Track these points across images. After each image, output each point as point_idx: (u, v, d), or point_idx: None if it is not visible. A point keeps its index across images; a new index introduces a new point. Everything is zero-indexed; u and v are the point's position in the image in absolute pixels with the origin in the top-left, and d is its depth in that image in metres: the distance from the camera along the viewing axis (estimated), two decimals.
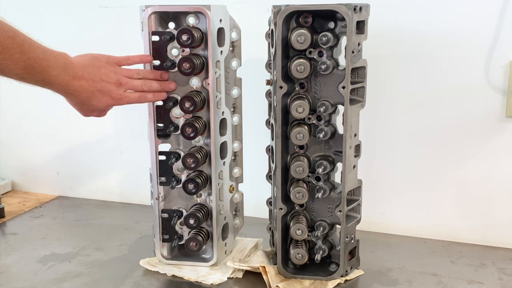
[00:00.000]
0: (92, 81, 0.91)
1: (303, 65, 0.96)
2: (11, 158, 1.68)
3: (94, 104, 0.94)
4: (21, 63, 0.78)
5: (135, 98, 0.98)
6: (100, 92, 0.93)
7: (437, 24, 1.18)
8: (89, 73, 0.91)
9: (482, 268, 1.12)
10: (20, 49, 0.77)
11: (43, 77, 0.83)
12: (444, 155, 1.24)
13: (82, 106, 0.95)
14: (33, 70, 0.81)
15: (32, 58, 0.80)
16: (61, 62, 0.86)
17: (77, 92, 0.90)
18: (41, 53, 0.82)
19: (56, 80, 0.86)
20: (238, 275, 1.09)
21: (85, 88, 0.91)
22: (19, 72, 0.80)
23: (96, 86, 0.92)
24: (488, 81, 1.17)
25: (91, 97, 0.92)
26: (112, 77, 0.95)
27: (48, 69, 0.83)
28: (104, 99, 0.94)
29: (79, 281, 1.08)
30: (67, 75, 0.87)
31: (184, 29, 0.99)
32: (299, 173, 1.00)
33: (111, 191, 1.57)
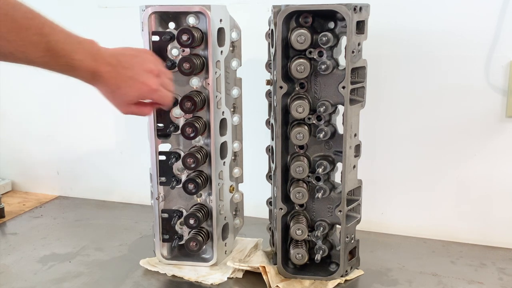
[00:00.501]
0: (122, 67, 0.85)
1: (303, 65, 0.96)
2: (11, 158, 1.68)
3: (125, 93, 0.86)
4: (42, 45, 0.73)
5: (167, 96, 0.91)
6: (131, 79, 0.85)
7: (437, 24, 1.18)
8: (119, 60, 0.85)
9: (482, 268, 1.12)
10: (40, 31, 0.72)
11: (66, 61, 0.77)
12: (444, 155, 1.24)
13: (114, 97, 0.87)
14: (55, 54, 0.75)
15: (53, 41, 0.74)
16: (86, 47, 0.81)
17: (104, 80, 0.83)
18: (64, 36, 0.77)
19: (80, 65, 0.79)
20: (238, 275, 1.09)
21: (113, 75, 0.83)
22: (40, 55, 0.74)
23: (127, 73, 0.85)
24: (488, 81, 1.17)
25: (121, 84, 0.85)
26: (149, 66, 0.88)
27: (71, 53, 0.77)
28: (137, 86, 0.86)
29: (79, 281, 1.08)
30: (93, 60, 0.81)
31: (184, 29, 0.99)
32: (299, 173, 1.00)
33: (111, 191, 1.57)
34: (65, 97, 1.56)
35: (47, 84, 1.54)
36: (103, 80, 0.83)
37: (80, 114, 1.57)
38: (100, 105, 1.54)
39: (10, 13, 0.69)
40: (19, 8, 0.71)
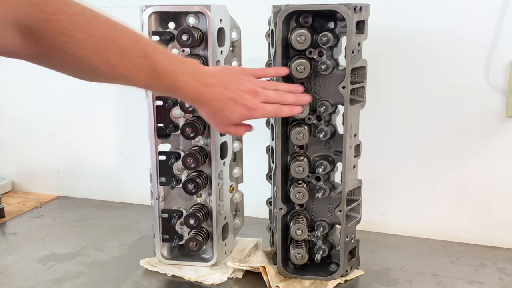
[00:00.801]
0: (224, 88, 0.83)
1: (303, 65, 0.96)
2: (11, 158, 1.68)
3: (227, 115, 0.85)
4: (145, 68, 0.73)
5: (271, 110, 0.89)
6: (233, 101, 0.84)
7: (437, 24, 1.18)
8: (221, 80, 0.84)
9: (482, 268, 1.12)
10: (143, 53, 0.72)
11: (170, 83, 0.77)
12: (444, 155, 1.24)
13: (216, 118, 0.87)
14: (158, 76, 0.75)
15: (157, 63, 0.74)
16: (189, 68, 0.81)
17: (208, 101, 0.83)
18: (167, 58, 0.77)
19: (184, 87, 0.79)
20: (238, 275, 1.09)
21: (217, 96, 0.83)
22: (144, 78, 0.74)
23: (229, 95, 0.84)
24: (488, 81, 1.17)
25: (224, 106, 0.84)
26: (247, 85, 0.86)
27: (174, 74, 0.77)
28: (238, 109, 0.85)
29: (79, 281, 1.08)
30: (197, 81, 0.80)
31: (184, 29, 0.99)
32: (299, 173, 1.00)
33: (111, 191, 1.57)
34: (65, 97, 1.56)
35: (47, 84, 1.54)
36: (206, 102, 0.83)
37: (80, 114, 1.57)
38: (100, 105, 1.55)
39: (114, 37, 0.69)
40: (123, 31, 0.71)
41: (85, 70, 0.69)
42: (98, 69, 0.68)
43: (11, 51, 0.63)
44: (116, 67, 0.70)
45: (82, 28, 0.65)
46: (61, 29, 0.63)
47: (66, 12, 0.63)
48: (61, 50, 0.64)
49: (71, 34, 0.64)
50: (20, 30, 0.61)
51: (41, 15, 0.61)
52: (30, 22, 0.61)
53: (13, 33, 0.61)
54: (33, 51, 0.64)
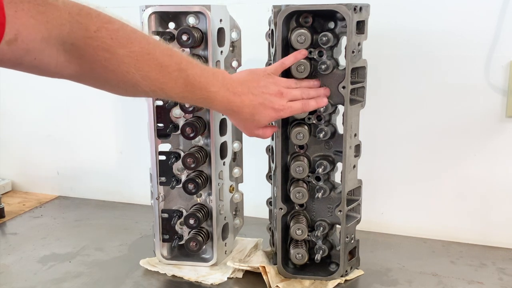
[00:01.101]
0: (252, 95, 0.87)
1: (303, 65, 0.96)
2: (11, 158, 1.68)
3: (257, 119, 0.89)
4: (181, 80, 0.76)
5: (298, 107, 0.92)
6: (262, 105, 0.88)
7: (437, 24, 1.18)
8: (248, 87, 0.87)
9: (482, 268, 1.12)
10: (178, 66, 0.75)
11: (203, 94, 0.80)
12: (444, 155, 1.24)
13: (246, 124, 0.91)
14: (192, 88, 0.79)
15: (191, 75, 0.78)
16: (219, 78, 0.84)
17: (239, 108, 0.86)
18: (199, 70, 0.80)
19: (216, 97, 0.82)
20: (238, 275, 1.09)
21: (247, 104, 0.86)
22: (179, 91, 0.77)
23: (258, 100, 0.87)
24: (488, 81, 1.17)
25: (254, 111, 0.87)
26: (272, 88, 0.90)
27: (207, 85, 0.80)
28: (267, 112, 0.89)
29: (79, 281, 1.08)
30: (227, 91, 0.84)
31: (184, 29, 0.99)
32: (299, 173, 1.00)
33: (111, 191, 1.57)
34: (65, 98, 1.56)
35: (47, 84, 1.54)
36: (238, 110, 0.86)
37: (80, 114, 1.57)
38: (100, 105, 1.55)
39: (152, 52, 0.71)
40: (159, 46, 0.73)
41: (126, 85, 0.70)
42: (138, 84, 0.70)
43: (55, 70, 0.64)
44: (155, 81, 0.72)
45: (123, 44, 0.67)
46: (103, 46, 0.64)
47: (108, 29, 0.65)
48: (104, 67, 0.66)
49: (113, 51, 0.66)
50: (64, 48, 0.62)
51: (85, 33, 0.63)
52: (73, 39, 0.62)
53: (57, 52, 0.62)
54: (76, 69, 0.65)
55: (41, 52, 0.60)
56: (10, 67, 0.60)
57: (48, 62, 0.62)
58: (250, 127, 0.92)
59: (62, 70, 0.65)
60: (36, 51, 0.59)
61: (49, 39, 0.59)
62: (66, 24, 0.61)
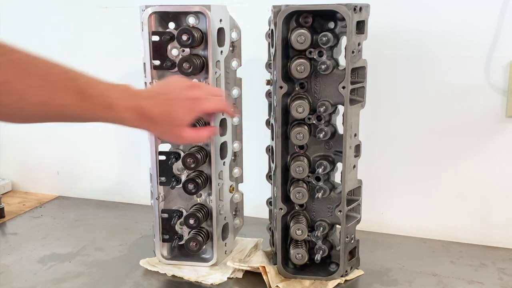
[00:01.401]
0: (162, 94, 0.83)
1: (303, 65, 0.96)
2: (11, 158, 1.68)
3: (174, 117, 0.83)
4: (72, 88, 0.70)
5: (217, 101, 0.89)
6: (175, 101, 0.83)
7: (437, 24, 1.18)
8: (156, 92, 0.83)
9: (482, 268, 1.12)
10: (66, 76, 0.70)
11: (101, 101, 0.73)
12: (444, 154, 1.24)
13: (167, 127, 0.84)
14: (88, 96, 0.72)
15: (83, 83, 0.72)
16: (120, 87, 0.77)
17: (149, 112, 0.79)
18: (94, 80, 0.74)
19: (118, 103, 0.75)
20: (238, 275, 1.09)
21: (159, 103, 0.81)
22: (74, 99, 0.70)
23: (169, 97, 0.83)
24: (488, 81, 1.17)
25: (168, 109, 0.82)
26: (184, 83, 0.87)
27: (105, 92, 0.74)
28: (183, 104, 0.83)
29: (79, 281, 1.08)
30: (131, 97, 0.78)
31: (184, 29, 0.99)
32: (299, 173, 1.00)
33: (111, 191, 1.57)
34: None
35: None
36: (149, 114, 0.80)
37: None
38: None
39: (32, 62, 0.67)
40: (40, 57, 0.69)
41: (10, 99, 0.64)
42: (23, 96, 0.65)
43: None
44: (41, 89, 0.67)
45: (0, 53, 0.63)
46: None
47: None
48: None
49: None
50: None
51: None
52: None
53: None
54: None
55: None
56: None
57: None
58: (173, 131, 0.84)
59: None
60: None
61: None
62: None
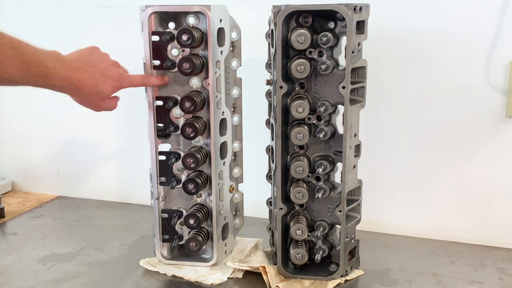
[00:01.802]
0: (90, 67, 0.91)
1: (303, 65, 0.96)
2: (11, 158, 1.68)
3: (100, 90, 0.93)
4: (17, 58, 0.77)
5: (138, 79, 0.99)
6: (102, 76, 0.92)
7: (437, 24, 1.18)
8: (83, 62, 0.91)
9: (482, 268, 1.12)
10: (11, 45, 0.77)
11: (41, 71, 0.82)
12: (444, 155, 1.24)
13: (91, 98, 0.94)
14: (30, 65, 0.80)
15: (26, 53, 0.79)
16: (53, 56, 0.86)
17: (81, 82, 0.89)
18: (33, 48, 0.81)
19: (55, 73, 0.85)
20: (238, 275, 1.09)
21: (87, 76, 0.90)
22: (17, 69, 0.78)
23: (96, 71, 0.92)
24: (488, 81, 1.17)
25: (96, 82, 0.91)
26: (107, 60, 0.95)
27: (44, 62, 0.82)
28: (108, 81, 0.93)
29: (79, 281, 1.08)
30: (64, 67, 0.86)
31: (184, 29, 0.99)
32: (299, 173, 1.00)
33: (111, 191, 1.57)
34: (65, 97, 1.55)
35: None
36: (80, 84, 0.89)
37: (80, 114, 1.56)
38: None
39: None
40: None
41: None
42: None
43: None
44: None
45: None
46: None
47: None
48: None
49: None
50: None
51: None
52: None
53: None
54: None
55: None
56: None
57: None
58: (95, 101, 0.95)
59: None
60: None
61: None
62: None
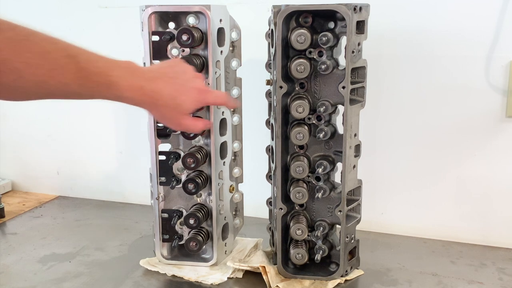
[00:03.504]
0: (169, 77, 0.80)
1: (303, 65, 0.96)
2: (11, 158, 1.68)
3: (180, 103, 0.81)
4: (71, 66, 0.68)
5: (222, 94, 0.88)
6: (182, 87, 0.81)
7: (437, 24, 1.18)
8: (161, 73, 0.80)
9: (482, 268, 1.12)
10: (66, 53, 0.68)
11: (102, 79, 0.71)
12: (444, 155, 1.24)
13: (169, 112, 0.82)
14: (87, 73, 0.69)
15: (83, 61, 0.69)
16: (122, 65, 0.75)
17: (156, 94, 0.77)
18: (94, 56, 0.71)
19: (119, 82, 0.73)
20: (238, 275, 1.09)
21: (163, 86, 0.78)
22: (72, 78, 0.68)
23: (176, 82, 0.80)
24: (488, 81, 1.17)
25: (175, 94, 0.79)
26: (189, 71, 0.84)
27: (106, 70, 0.72)
28: (189, 93, 0.81)
29: (79, 281, 1.08)
30: (135, 76, 0.75)
31: (184, 29, 0.99)
32: (299, 173, 1.00)
33: (111, 191, 1.57)
34: None
35: None
36: (155, 95, 0.78)
37: (80, 114, 1.57)
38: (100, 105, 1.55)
39: (30, 38, 0.65)
40: (39, 33, 0.67)
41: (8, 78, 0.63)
42: (22, 74, 0.63)
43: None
44: (40, 67, 0.65)
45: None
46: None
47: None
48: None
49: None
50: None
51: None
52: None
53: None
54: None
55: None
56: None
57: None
58: (175, 116, 0.83)
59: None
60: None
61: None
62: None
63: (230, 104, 0.96)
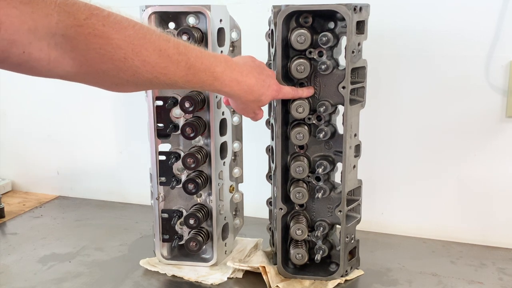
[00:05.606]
0: (257, 74, 0.88)
1: (303, 65, 0.96)
2: (11, 158, 1.68)
3: (262, 99, 0.89)
4: (182, 63, 0.74)
5: (289, 90, 0.95)
6: (266, 84, 0.89)
7: (437, 24, 1.18)
8: (251, 67, 0.88)
9: (482, 268, 1.12)
10: (177, 50, 0.73)
11: (208, 76, 0.79)
12: (444, 155, 1.24)
13: (252, 105, 0.91)
14: (196, 70, 0.76)
15: (192, 58, 0.75)
16: (222, 60, 0.82)
17: (250, 88, 0.86)
18: (199, 53, 0.78)
19: (223, 77, 0.81)
20: (238, 275, 1.09)
21: (254, 82, 0.86)
22: (182, 74, 0.74)
23: (261, 78, 0.88)
24: (488, 81, 1.17)
25: (262, 90, 0.88)
26: (267, 69, 0.92)
27: (211, 67, 0.79)
28: (269, 90, 0.90)
29: (79, 281, 1.08)
30: (233, 71, 0.83)
31: (184, 29, 0.99)
32: (299, 173, 1.00)
33: (111, 191, 1.57)
34: (65, 97, 1.56)
35: (47, 84, 1.53)
36: (248, 90, 0.86)
37: (80, 114, 1.57)
38: (100, 105, 1.55)
39: (147, 37, 0.68)
40: (154, 31, 0.71)
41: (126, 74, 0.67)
42: (138, 71, 0.68)
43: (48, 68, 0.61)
44: (155, 65, 0.69)
45: (116, 29, 0.64)
46: (96, 32, 0.62)
47: (98, 16, 0.62)
48: (100, 55, 0.63)
49: (107, 36, 0.63)
50: (55, 42, 0.59)
51: (74, 21, 0.60)
52: (63, 30, 0.59)
53: (48, 46, 0.59)
54: (71, 64, 0.62)
55: (29, 45, 0.57)
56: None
57: (38, 57, 0.59)
58: (254, 109, 0.93)
59: (56, 67, 0.62)
60: (23, 44, 0.57)
61: (36, 30, 0.57)
62: (53, 14, 0.58)
63: (303, 94, 0.98)
